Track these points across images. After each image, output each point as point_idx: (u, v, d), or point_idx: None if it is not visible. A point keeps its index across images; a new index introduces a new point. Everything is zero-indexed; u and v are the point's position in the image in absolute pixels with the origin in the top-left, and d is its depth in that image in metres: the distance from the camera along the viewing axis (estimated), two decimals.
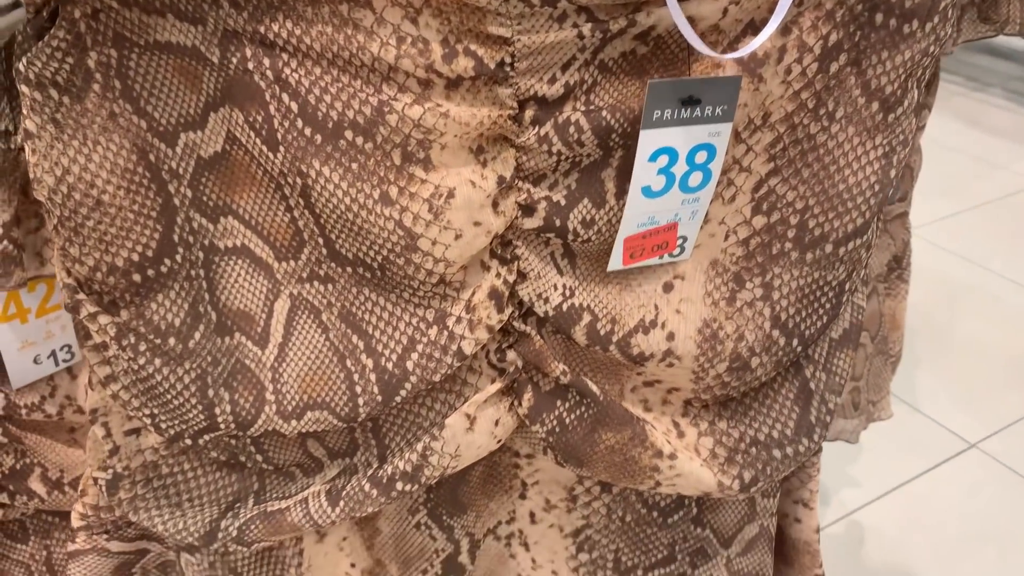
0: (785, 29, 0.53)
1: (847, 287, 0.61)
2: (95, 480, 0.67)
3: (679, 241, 0.59)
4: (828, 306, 0.61)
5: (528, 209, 0.57)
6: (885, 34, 0.53)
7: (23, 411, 0.76)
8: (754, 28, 0.53)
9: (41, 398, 0.77)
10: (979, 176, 2.69)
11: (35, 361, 0.76)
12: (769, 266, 0.60)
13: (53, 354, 0.77)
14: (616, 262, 0.59)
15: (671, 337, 0.61)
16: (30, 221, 0.72)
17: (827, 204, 0.58)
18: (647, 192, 0.55)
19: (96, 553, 0.74)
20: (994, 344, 2.01)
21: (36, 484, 0.79)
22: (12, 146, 0.65)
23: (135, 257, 0.57)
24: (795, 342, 0.61)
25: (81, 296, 0.58)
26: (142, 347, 0.59)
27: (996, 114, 3.10)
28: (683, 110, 0.54)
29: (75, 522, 0.73)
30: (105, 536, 0.73)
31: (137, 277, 0.58)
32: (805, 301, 0.61)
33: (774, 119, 0.56)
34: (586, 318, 0.60)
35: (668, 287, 0.61)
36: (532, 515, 0.74)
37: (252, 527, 0.66)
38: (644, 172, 0.55)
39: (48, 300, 0.76)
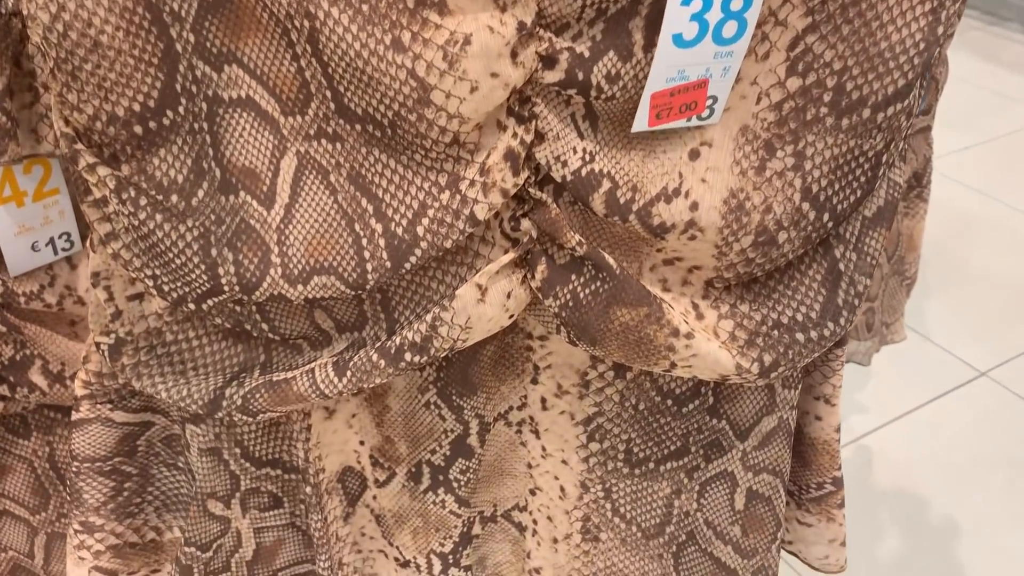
0: None
1: (884, 159, 0.56)
2: (97, 345, 0.64)
3: (708, 102, 0.54)
4: (863, 179, 0.56)
5: (549, 60, 0.52)
6: None
7: (22, 299, 0.73)
8: None
9: (40, 287, 0.74)
10: (994, 110, 2.66)
11: (33, 248, 0.73)
12: (802, 133, 0.55)
13: (52, 242, 0.74)
14: (641, 122, 0.54)
15: (695, 207, 0.57)
16: (24, 95, 0.68)
17: (867, 64, 0.53)
18: (678, 40, 0.51)
19: (100, 423, 0.71)
20: (1006, 275, 1.98)
21: (37, 376, 0.77)
22: (3, 11, 0.61)
23: (136, 107, 0.53)
24: (826, 216, 0.57)
25: (79, 146, 0.54)
26: (143, 202, 0.55)
27: (1013, 48, 3.04)
28: None
29: (78, 390, 0.70)
30: (109, 406, 0.71)
31: (138, 129, 0.54)
32: (839, 172, 0.56)
33: None
34: (606, 185, 0.56)
35: (694, 154, 0.56)
36: (543, 400, 0.71)
37: (257, 396, 0.63)
38: (676, 16, 0.50)
39: (45, 184, 0.72)
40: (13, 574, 0.86)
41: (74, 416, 0.71)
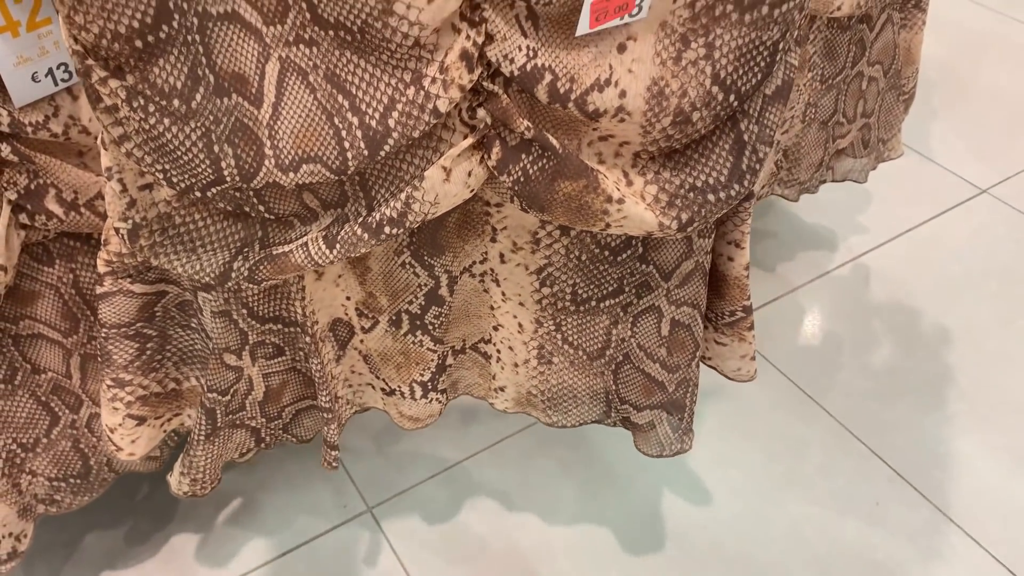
0: None
1: (780, 47, 0.63)
2: (116, 230, 0.70)
3: (637, 1, 0.60)
4: (763, 64, 0.63)
5: None
6: None
7: (29, 129, 0.74)
8: None
9: (45, 117, 0.75)
10: None
11: (33, 79, 0.73)
12: (712, 27, 0.61)
13: (51, 72, 0.74)
14: (584, 26, 0.60)
15: (623, 95, 0.63)
16: None
17: None
18: None
19: (122, 294, 0.78)
20: (1014, 92, 1.84)
21: (52, 204, 0.78)
22: None
23: (135, 24, 0.57)
24: (732, 97, 0.64)
25: (91, 61, 0.58)
26: (151, 108, 0.60)
27: None
28: None
29: (101, 268, 0.76)
30: (128, 279, 0.77)
31: (139, 43, 0.58)
32: (743, 60, 0.62)
33: None
34: (548, 77, 0.62)
35: (622, 48, 0.62)
36: (501, 255, 0.79)
37: (261, 267, 0.70)
38: None
39: (37, 13, 0.72)
40: (55, 393, 0.90)
41: (99, 290, 0.77)
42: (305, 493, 1.10)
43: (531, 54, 0.61)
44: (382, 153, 0.63)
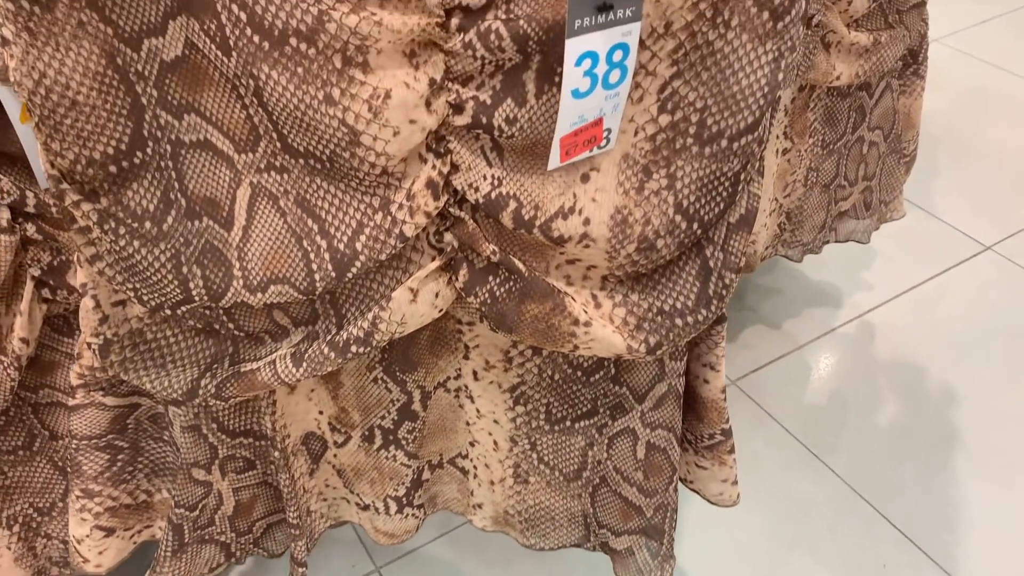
0: None
1: (742, 177, 0.64)
2: (89, 345, 0.71)
3: (605, 133, 0.61)
4: (725, 194, 0.64)
5: (458, 108, 0.59)
6: None
7: (53, 209, 0.77)
8: None
9: None
10: None
11: None
12: (673, 159, 0.62)
13: None
14: (555, 161, 0.61)
15: (587, 222, 0.64)
16: None
17: (723, 104, 0.60)
18: (576, 94, 0.57)
19: (94, 407, 0.78)
20: (1017, 148, 1.83)
21: (73, 279, 0.81)
22: None
23: (110, 151, 0.59)
24: (695, 226, 0.65)
25: (65, 186, 0.60)
26: (122, 231, 0.62)
27: None
28: (599, 16, 0.55)
29: (74, 380, 0.77)
30: (101, 392, 0.77)
31: (113, 168, 0.60)
32: (705, 190, 0.63)
33: (675, 28, 0.57)
34: (512, 205, 0.63)
35: (585, 178, 0.64)
36: (475, 373, 0.79)
37: (228, 385, 0.71)
38: (572, 76, 0.56)
39: None
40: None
41: (71, 402, 0.77)
42: (315, 553, 1.09)
43: (496, 183, 0.63)
44: (349, 275, 0.64)
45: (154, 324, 0.70)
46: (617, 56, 0.58)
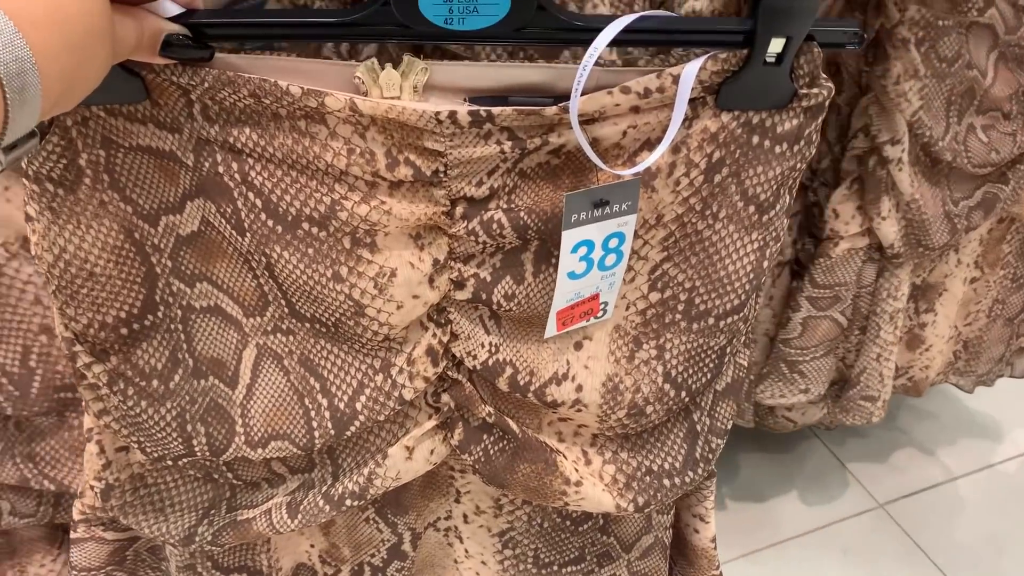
0: (675, 148, 0.58)
1: (728, 351, 0.67)
2: (91, 487, 0.73)
3: (602, 306, 0.64)
4: (711, 366, 0.67)
5: (459, 284, 0.62)
6: (760, 152, 0.59)
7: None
8: (650, 145, 0.58)
9: None
10: None
11: None
12: (662, 332, 0.66)
13: None
14: (551, 331, 0.64)
15: (580, 389, 0.67)
16: None
17: (711, 286, 0.63)
18: (572, 275, 0.61)
19: (94, 541, 0.80)
20: None
21: None
22: None
23: (123, 315, 0.62)
24: (683, 394, 0.68)
25: (78, 348, 0.62)
26: (130, 391, 0.64)
27: None
28: (595, 210, 0.59)
29: (76, 516, 0.78)
30: (102, 527, 0.79)
31: (124, 331, 0.63)
32: (692, 361, 0.66)
33: (666, 219, 0.61)
34: (508, 371, 0.66)
35: (578, 346, 0.67)
36: (465, 516, 0.81)
37: (224, 533, 0.72)
38: (568, 262, 0.60)
39: None
40: None
41: (72, 535, 0.79)
42: None
43: (493, 350, 0.65)
44: (348, 433, 0.67)
45: (155, 470, 0.72)
46: (613, 243, 0.61)
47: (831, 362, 1.17)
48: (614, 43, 0.53)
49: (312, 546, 0.84)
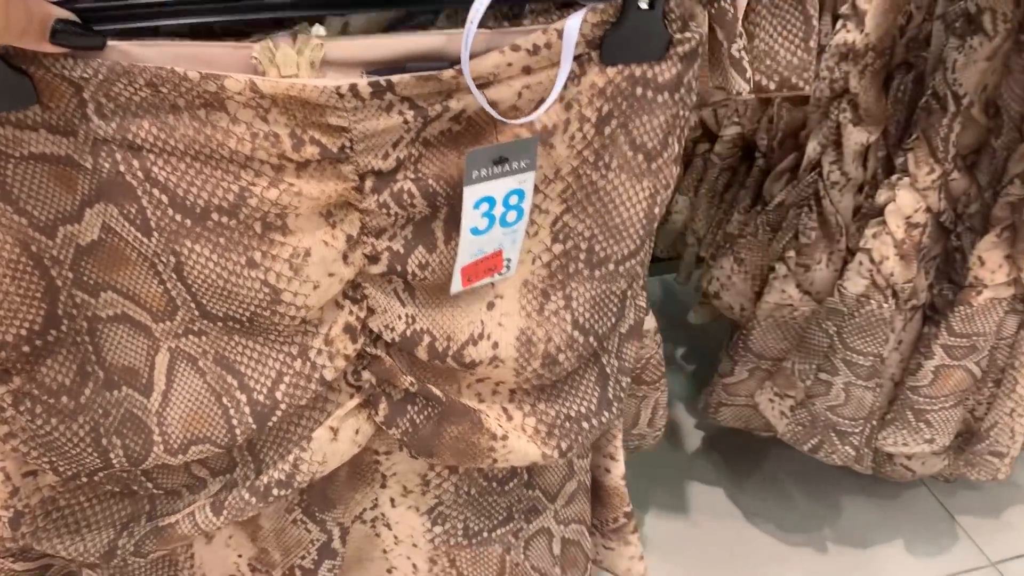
0: (568, 105, 0.61)
1: (628, 294, 0.71)
2: None
3: (505, 263, 0.67)
4: (615, 309, 0.71)
5: (373, 258, 0.63)
6: (644, 103, 0.63)
7: None
8: (543, 103, 0.61)
9: None
10: None
11: None
12: (567, 282, 0.69)
13: None
14: (456, 286, 0.66)
15: (495, 346, 0.70)
16: None
17: (608, 233, 0.67)
18: (475, 231, 0.63)
19: (3, 574, 0.76)
20: None
21: None
22: None
23: (23, 332, 0.60)
24: (591, 339, 0.71)
25: None
26: (38, 409, 0.62)
27: None
28: (495, 167, 0.61)
29: None
30: (11, 559, 0.75)
31: (26, 348, 0.60)
32: (597, 307, 0.70)
33: (563, 172, 0.64)
34: (426, 339, 0.68)
35: (491, 306, 0.69)
36: (392, 500, 0.82)
37: (147, 541, 0.71)
38: (470, 218, 0.62)
39: None
40: None
41: None
42: None
43: (410, 321, 0.67)
44: (269, 425, 0.67)
45: (67, 491, 0.70)
46: (513, 200, 0.64)
47: (960, 413, 1.12)
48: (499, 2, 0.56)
49: (240, 556, 0.82)
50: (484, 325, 0.69)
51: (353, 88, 0.55)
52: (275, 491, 0.70)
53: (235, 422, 0.66)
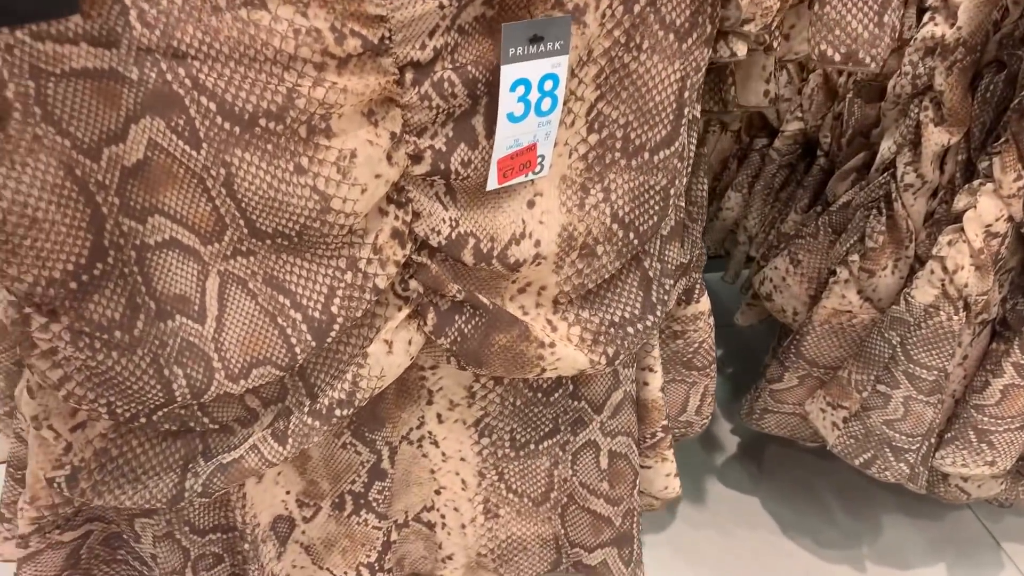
0: None
1: (671, 192, 0.72)
2: (51, 481, 0.68)
3: (539, 160, 0.67)
4: (657, 208, 0.72)
5: (416, 158, 0.63)
6: None
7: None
8: None
9: None
10: None
11: None
12: (605, 174, 0.70)
13: None
14: (493, 182, 0.67)
15: (538, 244, 0.70)
16: None
17: (642, 118, 0.68)
18: (511, 118, 0.64)
19: (49, 549, 0.74)
20: None
21: None
22: None
23: (70, 267, 0.58)
24: (631, 235, 0.72)
25: (28, 310, 0.58)
26: (97, 344, 0.61)
27: None
28: (531, 46, 0.62)
29: (26, 528, 0.73)
30: (58, 531, 0.74)
31: (73, 284, 0.59)
32: (637, 201, 0.71)
33: (596, 54, 0.65)
34: (471, 241, 0.68)
35: (531, 204, 0.70)
36: (439, 416, 0.82)
37: (214, 480, 0.70)
38: (507, 101, 0.63)
39: None
40: None
41: (23, 554, 0.73)
42: None
43: (454, 224, 0.67)
44: (328, 340, 0.67)
45: (119, 437, 0.69)
46: (548, 86, 0.64)
47: None
48: None
49: (288, 493, 0.82)
50: (526, 224, 0.70)
51: None
52: (337, 411, 0.70)
53: (294, 340, 0.66)
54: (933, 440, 1.07)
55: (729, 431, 1.45)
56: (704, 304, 0.87)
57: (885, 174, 1.02)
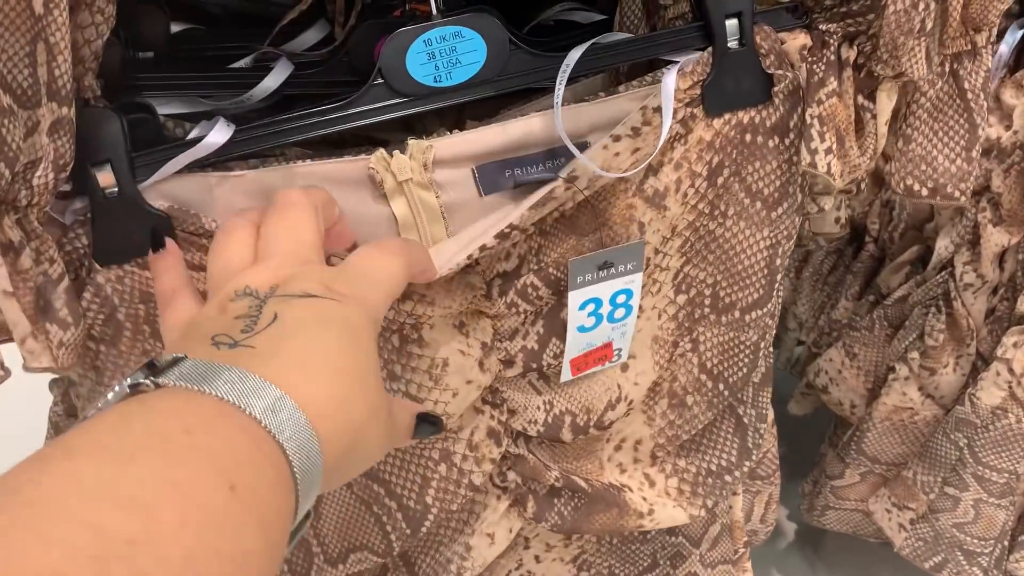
0: (677, 165, 0.60)
1: (762, 346, 0.71)
2: None
3: (615, 353, 0.67)
4: (747, 360, 0.70)
5: (508, 362, 0.64)
6: (755, 148, 0.62)
7: None
8: (653, 170, 0.60)
9: None
10: None
11: None
12: (694, 327, 0.68)
13: None
14: (566, 376, 0.67)
15: (631, 403, 0.70)
16: None
17: (731, 279, 0.67)
18: (581, 329, 0.64)
19: None
20: None
21: None
22: None
23: None
24: (721, 386, 0.71)
25: None
26: None
27: None
28: (600, 271, 0.62)
29: None
30: None
31: None
32: (727, 355, 0.70)
33: (680, 228, 0.64)
34: (568, 420, 0.68)
35: (625, 367, 0.69)
36: (537, 558, 0.82)
37: None
38: (576, 318, 0.63)
39: None
40: None
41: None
42: None
43: (548, 407, 0.68)
44: (423, 529, 0.67)
45: None
46: (621, 299, 0.64)
47: None
48: (584, 67, 0.58)
49: None
50: (621, 388, 0.69)
51: (482, 248, 0.56)
52: None
53: (389, 528, 0.67)
54: (1007, 543, 1.06)
55: (786, 516, 1.42)
56: (769, 415, 0.85)
57: (943, 272, 1.01)
